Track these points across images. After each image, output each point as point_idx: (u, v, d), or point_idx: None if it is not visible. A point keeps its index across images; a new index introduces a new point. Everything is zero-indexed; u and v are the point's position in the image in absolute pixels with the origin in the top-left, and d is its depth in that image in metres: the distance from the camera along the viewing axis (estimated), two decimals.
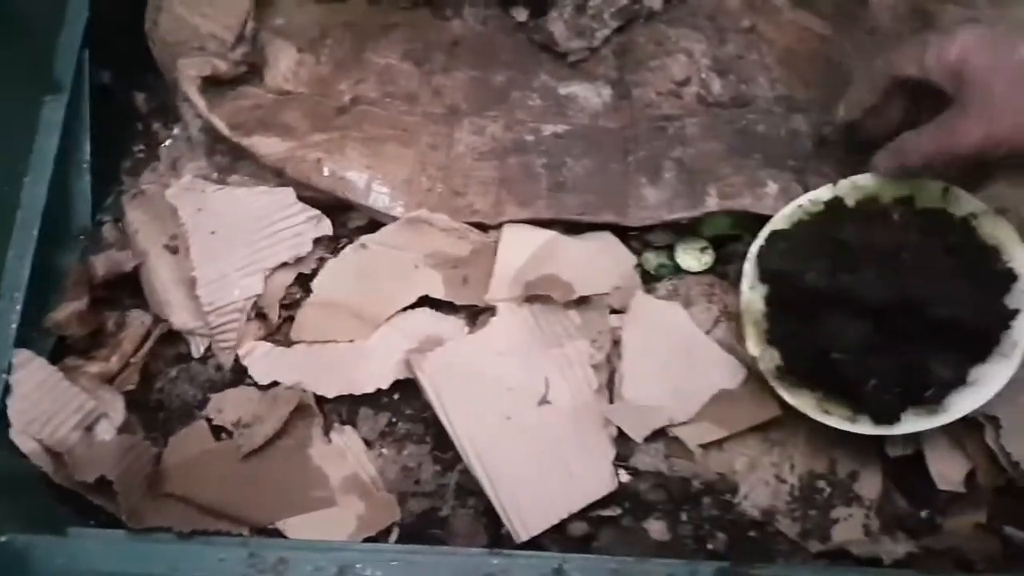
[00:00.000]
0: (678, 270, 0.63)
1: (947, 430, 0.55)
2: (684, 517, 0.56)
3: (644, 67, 0.67)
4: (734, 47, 0.67)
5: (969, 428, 0.55)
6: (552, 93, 0.68)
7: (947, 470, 0.55)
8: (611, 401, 0.58)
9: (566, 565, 0.51)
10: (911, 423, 0.50)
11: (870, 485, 0.56)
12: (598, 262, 0.60)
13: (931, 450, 0.55)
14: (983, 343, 0.50)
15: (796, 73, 0.66)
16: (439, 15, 0.72)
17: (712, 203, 0.60)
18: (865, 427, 0.52)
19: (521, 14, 0.72)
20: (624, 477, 0.57)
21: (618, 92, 0.67)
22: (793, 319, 0.53)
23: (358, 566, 0.51)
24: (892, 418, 0.50)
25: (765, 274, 0.55)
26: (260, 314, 0.63)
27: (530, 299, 0.58)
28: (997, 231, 0.52)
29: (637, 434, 0.56)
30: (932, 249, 0.51)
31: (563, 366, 0.57)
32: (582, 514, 0.56)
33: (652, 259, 0.63)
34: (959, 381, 0.50)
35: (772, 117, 0.64)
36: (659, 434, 0.57)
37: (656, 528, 0.56)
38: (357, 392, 0.58)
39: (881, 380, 0.49)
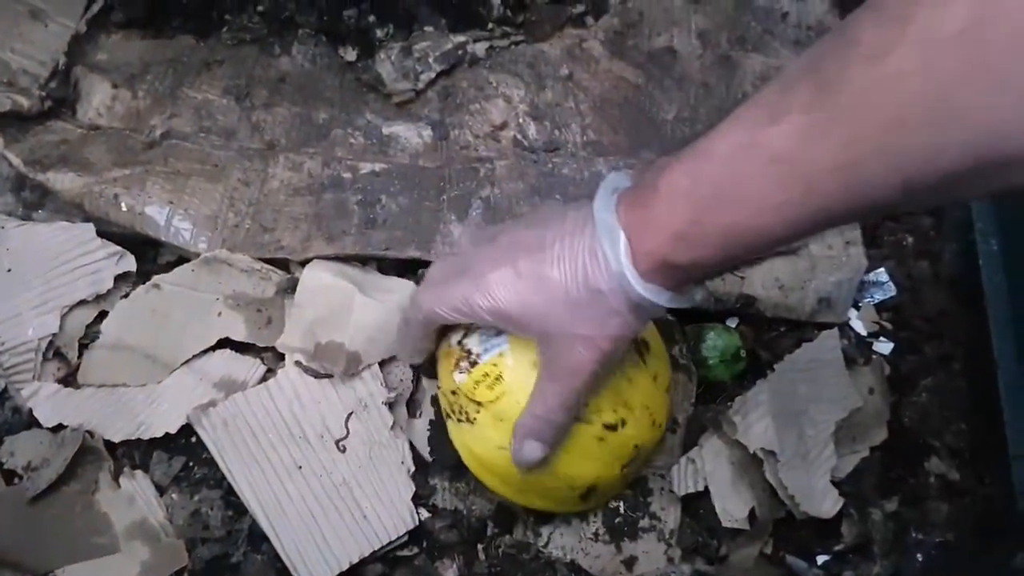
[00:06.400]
0: None
1: (732, 466, 0.57)
2: (482, 556, 0.57)
3: (464, 110, 0.69)
4: (552, 94, 0.69)
5: (751, 463, 0.57)
6: (376, 132, 0.68)
7: (731, 507, 0.57)
8: None
9: None
10: None
11: (670, 516, 0.57)
12: (394, 322, 0.57)
13: (715, 486, 0.57)
14: None
15: (606, 120, 0.68)
16: (267, 52, 0.72)
17: None
18: None
19: (350, 54, 0.72)
20: (424, 515, 0.57)
21: (438, 133, 0.68)
22: None
23: None
24: None
25: None
26: (58, 353, 0.61)
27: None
28: None
29: None
30: None
31: (357, 408, 0.57)
32: (381, 554, 0.56)
33: None
34: None
35: (577, 161, 0.66)
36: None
37: (450, 568, 0.56)
38: (145, 437, 0.57)
39: None
